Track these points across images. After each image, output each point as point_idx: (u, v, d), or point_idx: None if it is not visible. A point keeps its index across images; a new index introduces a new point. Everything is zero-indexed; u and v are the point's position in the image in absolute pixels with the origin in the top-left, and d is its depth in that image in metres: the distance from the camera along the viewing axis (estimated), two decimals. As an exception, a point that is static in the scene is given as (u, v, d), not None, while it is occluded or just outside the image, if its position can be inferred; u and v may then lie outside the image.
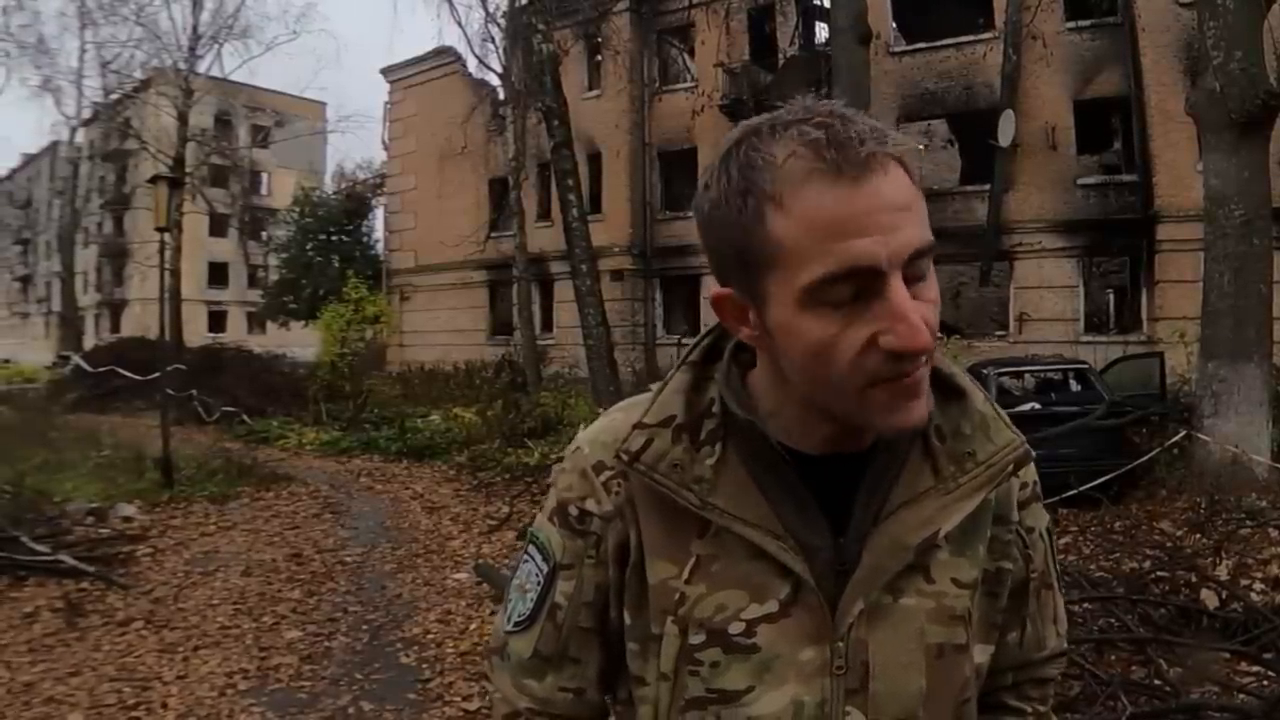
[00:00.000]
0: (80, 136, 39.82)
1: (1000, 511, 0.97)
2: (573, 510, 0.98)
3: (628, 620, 0.95)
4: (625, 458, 0.92)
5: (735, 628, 0.89)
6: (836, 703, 0.89)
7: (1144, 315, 17.33)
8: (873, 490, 0.91)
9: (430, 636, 5.83)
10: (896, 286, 0.77)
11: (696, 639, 0.90)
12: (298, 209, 35.21)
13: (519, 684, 1.02)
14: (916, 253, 0.79)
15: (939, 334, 0.84)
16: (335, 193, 38.57)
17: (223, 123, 41.90)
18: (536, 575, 1.01)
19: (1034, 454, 0.98)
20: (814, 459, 0.91)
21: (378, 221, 34.35)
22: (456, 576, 7.25)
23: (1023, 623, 1.04)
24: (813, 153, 0.77)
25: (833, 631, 0.89)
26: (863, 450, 0.92)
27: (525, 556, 1.04)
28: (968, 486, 0.91)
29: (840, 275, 0.77)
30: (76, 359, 26.69)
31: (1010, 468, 0.93)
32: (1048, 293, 18.12)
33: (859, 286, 0.78)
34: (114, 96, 33.20)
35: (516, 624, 1.02)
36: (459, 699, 4.80)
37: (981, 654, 0.97)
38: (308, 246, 33.38)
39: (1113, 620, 5.00)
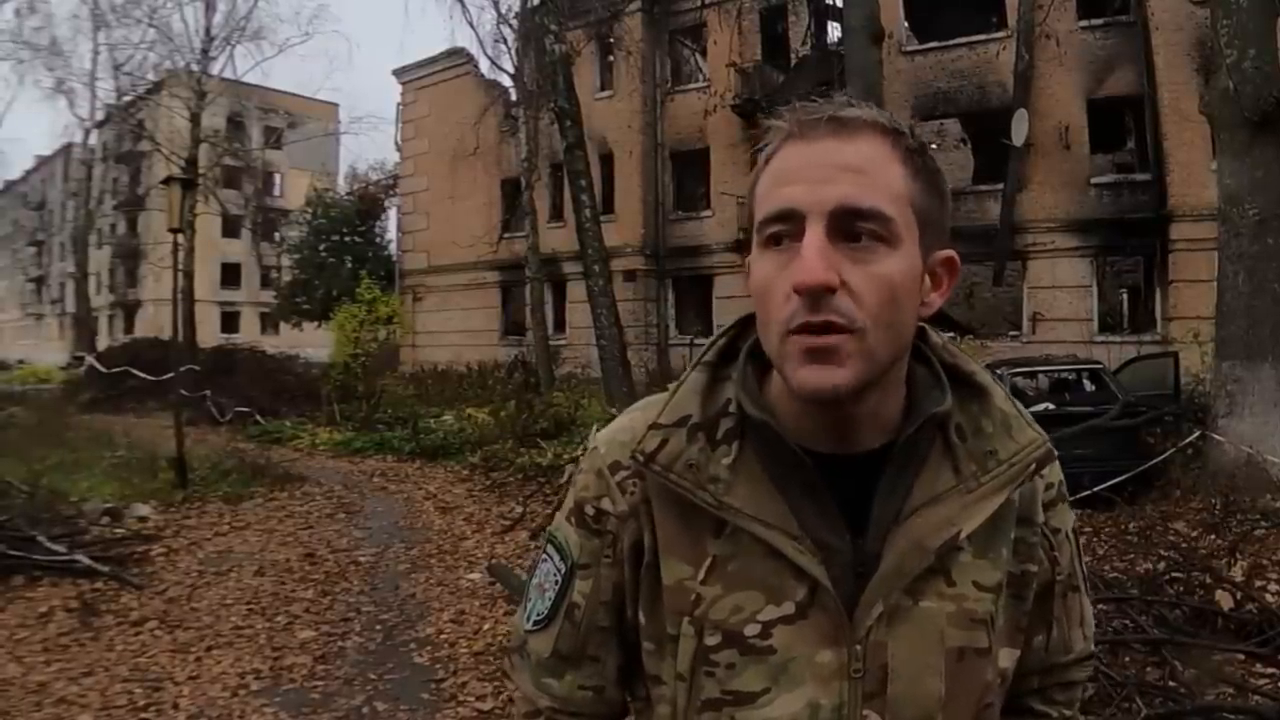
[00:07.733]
0: (94, 138, 39.93)
1: (1024, 513, 0.96)
2: (589, 510, 0.99)
3: (642, 620, 0.96)
4: (641, 458, 0.92)
5: (751, 629, 0.89)
6: (854, 706, 0.88)
7: (1158, 315, 17.24)
8: (892, 490, 0.90)
9: (444, 636, 5.84)
10: (812, 231, 0.83)
11: (712, 640, 0.90)
12: (310, 210, 35.38)
13: (539, 682, 1.03)
14: (847, 209, 0.83)
15: (953, 334, 0.85)
16: (348, 194, 38.72)
17: (235, 124, 41.99)
18: (555, 575, 1.02)
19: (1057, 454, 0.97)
20: (833, 459, 0.90)
21: (390, 222, 34.55)
22: (470, 577, 7.26)
23: (1049, 626, 1.03)
24: (792, 122, 0.88)
25: (850, 634, 0.88)
26: (881, 449, 0.91)
27: (544, 556, 1.05)
28: (989, 486, 0.90)
29: (773, 216, 0.86)
30: (90, 360, 26.76)
31: (1033, 467, 0.93)
32: (1061, 293, 18.05)
33: (788, 229, 0.85)
34: (127, 98, 33.18)
35: (535, 623, 1.03)
36: (472, 699, 4.80)
37: (1007, 658, 0.96)
38: (321, 247, 33.52)
39: (1127, 621, 4.97)
